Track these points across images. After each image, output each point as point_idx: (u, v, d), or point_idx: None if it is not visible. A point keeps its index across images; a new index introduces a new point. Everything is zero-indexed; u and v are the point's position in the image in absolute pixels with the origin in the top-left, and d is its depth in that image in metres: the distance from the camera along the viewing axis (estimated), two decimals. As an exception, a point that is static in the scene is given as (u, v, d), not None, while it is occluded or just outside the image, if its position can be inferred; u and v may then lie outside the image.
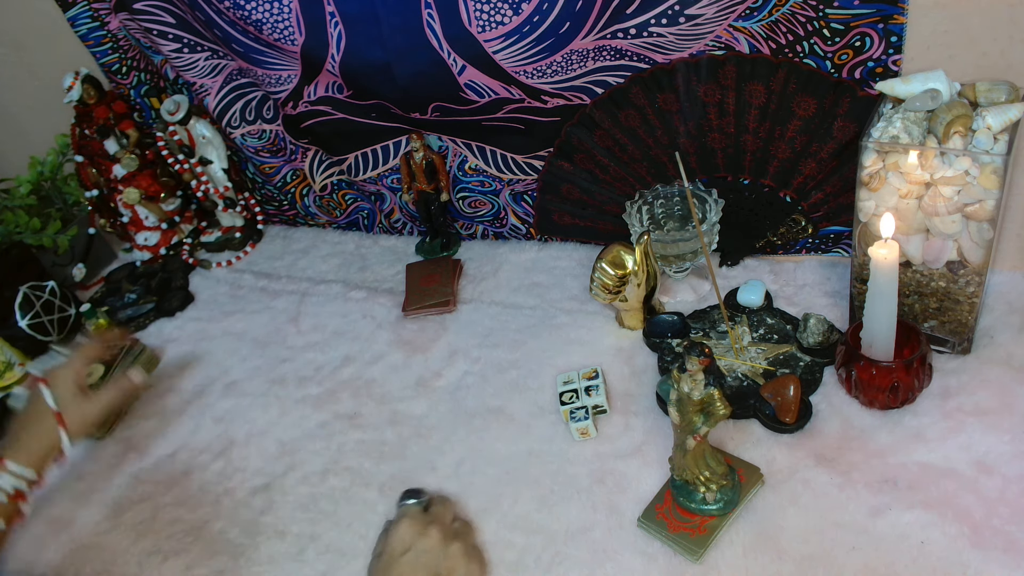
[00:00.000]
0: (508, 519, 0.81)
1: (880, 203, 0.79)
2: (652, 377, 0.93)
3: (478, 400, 0.95)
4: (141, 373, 0.96)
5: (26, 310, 1.17)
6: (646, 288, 0.95)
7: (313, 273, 1.26)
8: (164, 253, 1.36)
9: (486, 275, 1.16)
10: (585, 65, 0.93)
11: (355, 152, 1.19)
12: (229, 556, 0.84)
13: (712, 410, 0.70)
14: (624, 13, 0.86)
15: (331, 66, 1.02)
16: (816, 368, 0.87)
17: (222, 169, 1.30)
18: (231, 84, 1.17)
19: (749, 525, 0.74)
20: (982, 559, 0.67)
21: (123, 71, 1.29)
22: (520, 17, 0.89)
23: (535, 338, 1.02)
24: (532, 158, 1.08)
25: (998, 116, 0.72)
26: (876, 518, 0.72)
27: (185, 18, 1.10)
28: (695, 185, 1.00)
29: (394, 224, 1.29)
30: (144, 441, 1.01)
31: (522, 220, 1.18)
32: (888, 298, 0.76)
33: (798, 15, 0.83)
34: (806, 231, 1.00)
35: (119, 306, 1.26)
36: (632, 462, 0.83)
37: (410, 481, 0.87)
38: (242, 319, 1.19)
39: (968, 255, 0.78)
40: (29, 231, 1.26)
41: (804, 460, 0.79)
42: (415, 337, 1.07)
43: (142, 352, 1.06)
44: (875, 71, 0.84)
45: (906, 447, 0.78)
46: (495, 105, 1.01)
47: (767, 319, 0.95)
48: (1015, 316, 0.88)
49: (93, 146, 1.28)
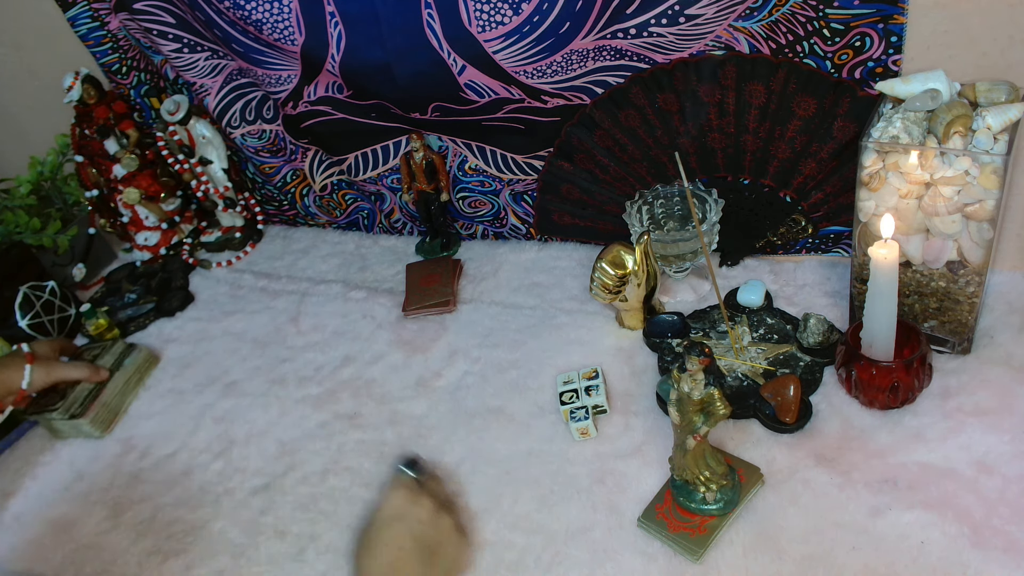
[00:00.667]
0: (508, 519, 0.81)
1: (880, 203, 0.79)
2: (652, 377, 0.93)
3: (478, 400, 0.95)
4: (107, 370, 1.06)
5: (26, 310, 1.16)
6: (646, 288, 0.95)
7: (313, 273, 1.26)
8: (164, 253, 1.36)
9: (486, 275, 1.16)
10: (585, 65, 0.93)
11: (355, 152, 1.19)
12: (229, 556, 0.84)
13: (712, 410, 0.70)
14: (624, 13, 0.86)
15: (331, 66, 1.02)
16: (816, 368, 0.87)
17: (222, 169, 1.30)
18: (231, 84, 1.17)
19: (749, 525, 0.74)
20: (982, 559, 0.67)
21: (123, 71, 1.29)
22: (520, 17, 0.89)
23: (535, 338, 1.02)
24: (532, 158, 1.08)
25: (998, 116, 0.72)
26: (876, 518, 0.72)
27: (185, 18, 1.10)
28: (695, 185, 1.00)
29: (394, 224, 1.29)
30: (144, 441, 1.01)
31: (522, 220, 1.18)
32: (888, 298, 0.76)
33: (798, 15, 0.83)
34: (806, 231, 1.00)
35: (119, 306, 1.25)
36: (632, 462, 0.83)
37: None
38: (242, 319, 1.19)
39: (968, 255, 0.78)
40: (29, 231, 1.26)
41: (804, 460, 0.79)
42: (415, 337, 1.07)
43: (129, 351, 1.10)
44: (875, 71, 0.84)
45: (906, 447, 0.78)
46: (495, 105, 1.01)
47: (767, 319, 0.95)
48: (1015, 316, 0.88)
49: (93, 146, 1.28)
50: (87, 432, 1.02)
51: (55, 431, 1.04)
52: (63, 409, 1.01)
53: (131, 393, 1.08)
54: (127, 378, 1.08)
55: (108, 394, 1.05)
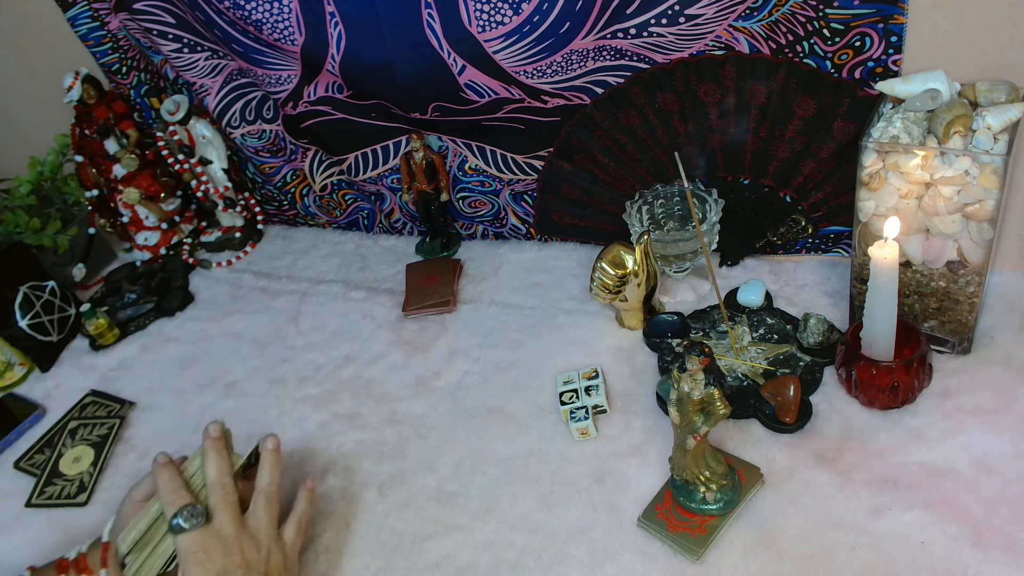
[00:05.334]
0: (508, 519, 0.81)
1: (880, 203, 0.79)
2: (652, 377, 0.93)
3: (478, 400, 0.95)
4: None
5: (26, 310, 1.17)
6: (646, 288, 0.95)
7: (313, 273, 1.26)
8: (164, 253, 1.36)
9: (486, 275, 1.16)
10: (585, 65, 0.93)
11: (355, 152, 1.19)
12: (229, 556, 0.84)
13: (712, 410, 0.70)
14: (624, 13, 0.86)
15: (331, 66, 1.02)
16: (816, 368, 0.87)
17: (222, 169, 1.30)
18: (231, 84, 1.17)
19: (749, 525, 0.74)
20: (982, 559, 0.67)
21: (123, 71, 1.29)
22: (520, 17, 0.89)
23: (535, 338, 1.02)
24: (532, 158, 1.08)
25: (998, 116, 0.72)
26: (876, 518, 0.72)
27: (185, 18, 1.10)
28: (695, 185, 1.00)
29: (394, 224, 1.29)
30: (144, 442, 1.01)
31: (522, 220, 1.18)
32: (888, 298, 0.76)
33: (798, 15, 0.83)
34: (806, 231, 1.00)
35: (119, 306, 1.26)
36: (632, 462, 0.83)
37: (410, 480, 0.87)
38: (242, 319, 1.19)
39: (968, 255, 0.78)
40: (29, 231, 1.26)
41: (804, 460, 0.79)
42: (415, 337, 1.07)
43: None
44: (875, 71, 0.84)
45: (906, 447, 0.78)
46: (495, 105, 1.01)
47: (767, 319, 0.95)
48: (1015, 316, 0.88)
49: (93, 146, 1.28)
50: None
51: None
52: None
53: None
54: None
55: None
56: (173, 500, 0.72)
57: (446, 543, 0.80)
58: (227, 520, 0.72)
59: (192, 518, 0.71)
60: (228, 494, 0.74)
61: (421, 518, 0.83)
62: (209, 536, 0.71)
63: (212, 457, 0.76)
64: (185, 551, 0.70)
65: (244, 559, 0.71)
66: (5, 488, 0.99)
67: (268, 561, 0.72)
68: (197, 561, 0.69)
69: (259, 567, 0.71)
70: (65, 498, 0.95)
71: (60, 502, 0.94)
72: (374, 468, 0.90)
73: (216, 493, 0.74)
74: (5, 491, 0.98)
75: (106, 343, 1.18)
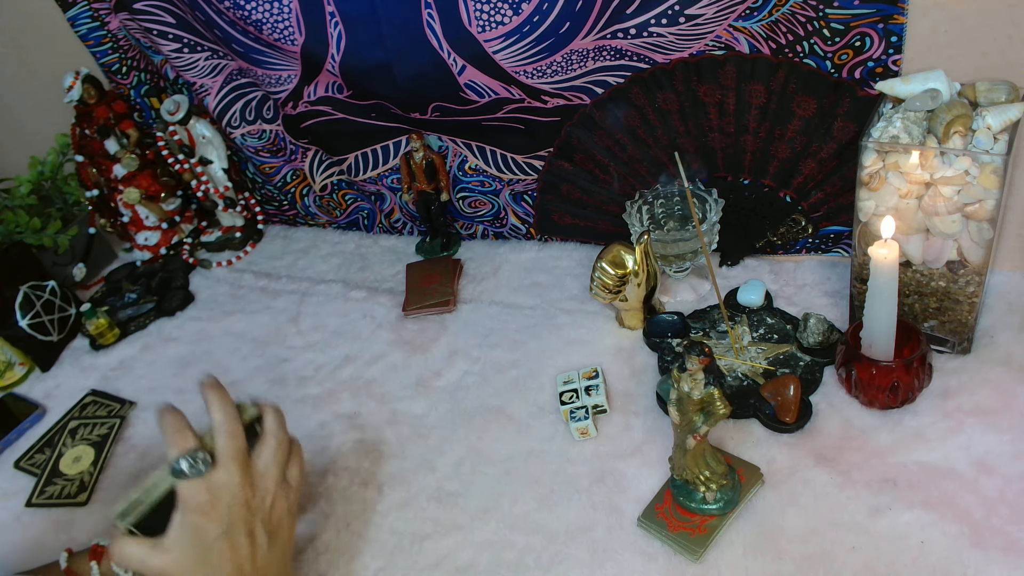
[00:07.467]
0: (508, 519, 0.81)
1: (880, 203, 0.79)
2: (652, 377, 0.93)
3: (478, 400, 0.95)
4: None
5: (26, 310, 1.17)
6: (646, 288, 0.95)
7: (313, 273, 1.26)
8: (164, 253, 1.36)
9: (486, 275, 1.16)
10: (585, 65, 0.93)
11: (355, 152, 1.19)
12: (229, 556, 0.84)
13: (712, 409, 0.70)
14: (624, 13, 0.86)
15: (331, 66, 1.02)
16: (816, 368, 0.87)
17: (222, 169, 1.30)
18: (231, 84, 1.17)
19: (749, 525, 0.74)
20: (982, 559, 0.67)
21: (123, 71, 1.29)
22: (520, 17, 0.89)
23: (535, 338, 1.02)
24: (532, 158, 1.08)
25: (998, 116, 0.72)
26: (876, 518, 0.72)
27: (185, 18, 1.10)
28: (695, 185, 1.00)
29: (394, 224, 1.29)
30: (144, 442, 1.01)
31: (522, 220, 1.18)
32: (888, 298, 0.76)
33: (798, 15, 0.83)
34: (806, 231, 1.00)
35: (119, 306, 1.26)
36: (632, 462, 0.83)
37: (410, 480, 0.87)
38: (242, 319, 1.19)
39: (968, 255, 0.78)
40: (29, 231, 1.26)
41: (804, 460, 0.79)
42: (415, 337, 1.07)
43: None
44: (875, 71, 0.84)
45: (906, 447, 0.78)
46: (495, 105, 1.01)
47: (767, 319, 0.95)
48: (1015, 316, 0.88)
49: (93, 146, 1.28)
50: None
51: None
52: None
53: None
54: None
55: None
56: (177, 441, 0.66)
57: (446, 543, 0.80)
58: (234, 468, 0.67)
59: (195, 464, 0.65)
60: (236, 437, 0.68)
61: (421, 518, 0.83)
62: (213, 485, 0.65)
63: (215, 401, 0.69)
64: (186, 501, 0.64)
65: (249, 509, 0.66)
66: (5, 488, 0.99)
67: (273, 508, 0.69)
68: (201, 512, 0.64)
69: (263, 516, 0.68)
70: (65, 498, 0.95)
71: (60, 502, 0.94)
72: (374, 468, 0.90)
73: (222, 435, 0.68)
74: (5, 491, 0.99)
75: (106, 343, 1.18)
